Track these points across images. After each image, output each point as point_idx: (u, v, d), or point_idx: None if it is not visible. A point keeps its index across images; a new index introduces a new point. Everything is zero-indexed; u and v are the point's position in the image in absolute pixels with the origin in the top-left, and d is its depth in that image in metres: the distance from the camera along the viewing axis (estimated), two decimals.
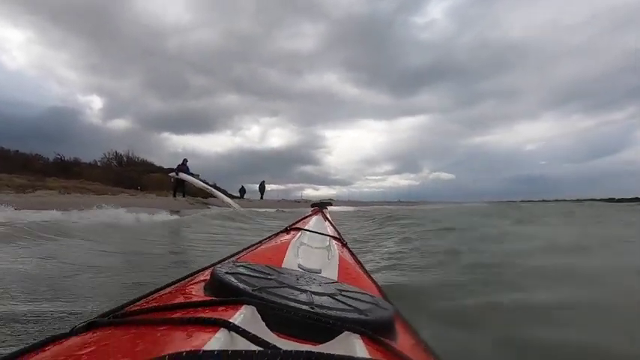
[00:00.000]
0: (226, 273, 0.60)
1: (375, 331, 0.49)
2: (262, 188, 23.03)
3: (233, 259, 0.94)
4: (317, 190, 24.38)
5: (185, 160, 14.65)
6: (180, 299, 0.57)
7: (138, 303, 0.61)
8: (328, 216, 2.18)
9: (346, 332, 0.47)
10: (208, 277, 0.63)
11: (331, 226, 1.86)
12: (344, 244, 1.40)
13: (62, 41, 47.12)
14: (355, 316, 0.52)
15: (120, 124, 41.41)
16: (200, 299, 0.54)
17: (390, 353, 0.46)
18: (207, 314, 0.45)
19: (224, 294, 0.53)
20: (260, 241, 1.25)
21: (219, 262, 0.83)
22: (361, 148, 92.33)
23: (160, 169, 23.34)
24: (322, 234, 1.50)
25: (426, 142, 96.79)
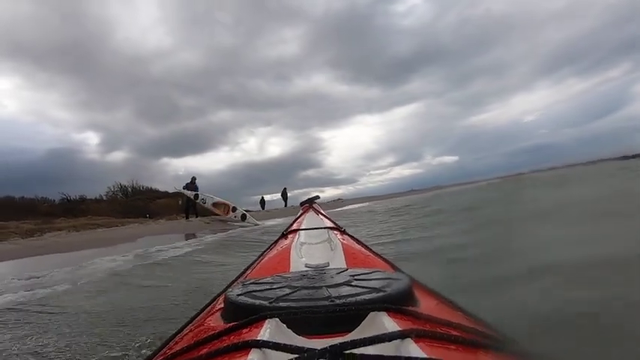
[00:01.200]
0: (239, 295, 0.59)
1: (398, 303, 0.50)
2: (285, 195, 22.58)
3: (240, 279, 0.93)
4: (323, 192, 24.12)
5: (194, 179, 13.69)
6: (203, 334, 0.53)
7: (161, 352, 0.59)
8: (320, 209, 2.16)
9: (371, 313, 0.48)
10: (222, 305, 0.62)
11: (325, 218, 1.84)
12: (343, 232, 1.38)
13: (49, 83, 47.56)
14: (375, 295, 0.53)
15: (118, 156, 41.42)
16: (222, 328, 0.52)
17: (418, 319, 0.47)
18: (234, 340, 0.44)
19: (243, 315, 0.51)
20: (262, 254, 1.22)
21: (228, 287, 0.82)
22: (360, 144, 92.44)
23: (166, 194, 23.19)
24: (319, 228, 1.48)
25: (424, 128, 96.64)
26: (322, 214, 2.00)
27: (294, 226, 1.60)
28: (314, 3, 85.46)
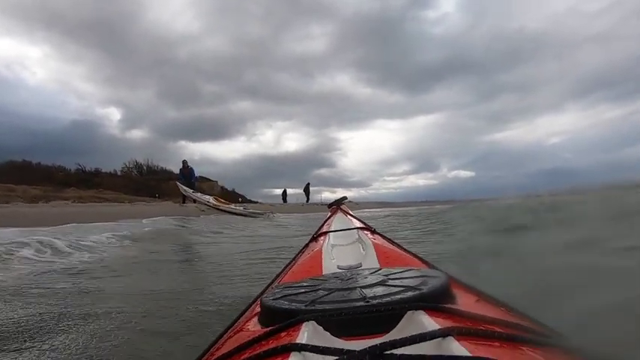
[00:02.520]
0: (274, 299, 0.59)
1: (435, 301, 0.49)
2: (308, 191, 22.14)
3: (275, 283, 0.93)
4: (334, 192, 23.82)
5: (185, 163, 12.68)
6: (242, 340, 0.52)
7: (203, 358, 0.59)
8: (348, 210, 2.11)
9: (409, 312, 0.47)
10: (259, 310, 0.62)
11: (354, 219, 1.81)
12: (373, 232, 1.38)
13: (78, 55, 47.68)
14: (411, 294, 0.52)
15: (137, 134, 41.85)
16: (261, 332, 0.51)
17: (458, 316, 0.46)
18: (273, 344, 0.44)
19: (280, 320, 0.51)
20: (294, 258, 1.23)
21: (263, 292, 0.83)
22: (377, 148, 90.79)
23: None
24: (349, 229, 1.48)
25: (444, 139, 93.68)
26: (351, 215, 1.94)
27: (324, 228, 1.57)
28: (345, 2, 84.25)
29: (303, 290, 0.63)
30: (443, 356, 0.35)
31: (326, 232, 1.45)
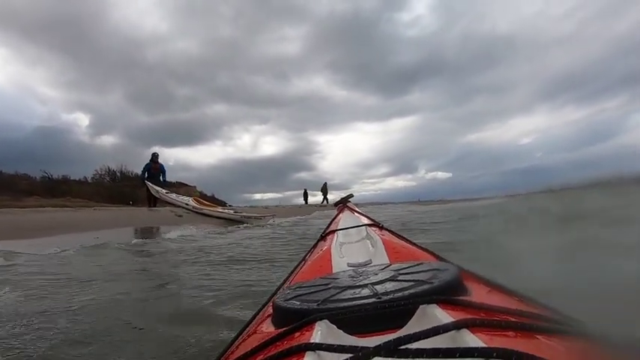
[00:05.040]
0: (286, 300, 0.59)
1: (448, 294, 0.49)
2: (325, 191, 21.50)
3: (286, 284, 0.92)
4: (315, 196, 23.60)
5: (154, 156, 9.99)
6: (257, 342, 0.52)
7: None
8: (355, 208, 2.10)
9: (421, 306, 0.46)
10: (272, 311, 0.62)
11: (362, 216, 1.80)
12: (381, 228, 1.37)
13: (38, 58, 44.90)
14: (423, 288, 0.51)
15: (108, 140, 39.70)
16: (275, 334, 0.51)
17: (471, 308, 0.46)
18: (287, 345, 0.44)
19: (293, 320, 0.51)
20: (303, 258, 1.23)
21: (275, 292, 0.83)
22: (356, 151, 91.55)
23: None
24: (357, 226, 1.46)
25: (421, 141, 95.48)
26: (358, 212, 1.92)
27: (332, 227, 1.56)
28: (318, 3, 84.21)
29: (314, 290, 0.63)
30: (459, 348, 0.34)
31: (334, 231, 1.43)
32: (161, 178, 10.27)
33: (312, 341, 0.41)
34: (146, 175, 10.07)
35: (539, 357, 0.33)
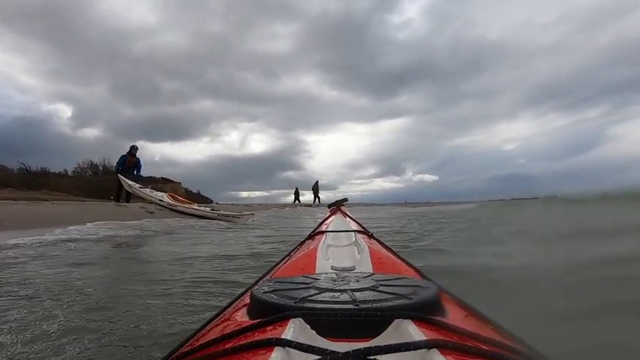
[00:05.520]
0: (265, 292, 0.59)
1: (424, 312, 0.49)
2: (316, 189, 21.08)
3: (267, 277, 0.93)
4: (302, 195, 23.56)
5: (133, 148, 9.43)
6: (229, 329, 0.53)
7: (189, 343, 0.59)
8: (347, 212, 2.10)
9: (396, 320, 0.47)
10: (249, 302, 0.62)
11: (353, 221, 1.81)
12: (370, 236, 1.38)
13: (19, 46, 42.41)
14: (400, 302, 0.52)
15: (91, 132, 38.31)
16: (248, 324, 0.51)
17: (445, 329, 0.46)
18: (258, 337, 0.44)
19: (268, 313, 0.51)
20: (288, 254, 1.23)
21: (255, 283, 0.82)
22: (344, 151, 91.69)
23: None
24: (346, 231, 1.46)
25: (409, 144, 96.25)
26: (350, 217, 1.94)
27: (322, 228, 1.57)
28: (311, 1, 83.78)
29: (294, 287, 0.63)
30: None
31: (323, 232, 1.43)
32: (139, 173, 9.78)
33: (283, 337, 0.41)
34: (120, 168, 9.48)
35: None
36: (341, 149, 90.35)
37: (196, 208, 8.89)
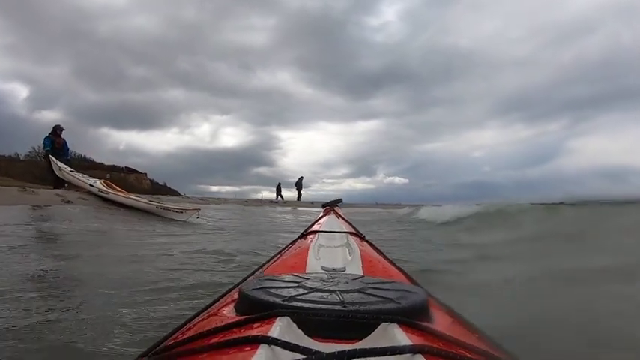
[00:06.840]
0: (253, 289, 0.59)
1: (411, 317, 0.49)
2: (300, 185, 20.11)
3: (257, 273, 0.93)
4: (273, 192, 23.28)
5: (58, 128, 8.54)
6: (215, 324, 0.52)
7: (173, 336, 0.58)
8: (341, 213, 2.11)
9: (383, 324, 0.47)
10: (237, 297, 0.62)
11: (346, 223, 1.82)
12: (362, 238, 1.39)
13: None
14: (388, 306, 0.52)
15: (50, 116, 35.79)
16: (234, 320, 0.51)
17: (431, 335, 0.46)
18: (244, 333, 0.44)
19: (256, 310, 0.51)
20: (280, 251, 1.21)
21: (244, 280, 0.82)
22: (317, 150, 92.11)
23: (100, 166, 20.52)
24: (339, 232, 1.47)
25: (382, 146, 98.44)
26: (343, 219, 1.96)
27: (315, 228, 1.59)
28: None
29: (283, 285, 0.62)
30: None
31: (316, 232, 1.44)
32: (67, 155, 8.96)
33: (269, 335, 0.41)
34: (49, 149, 8.50)
35: None
36: (314, 148, 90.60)
37: (133, 198, 7.91)
